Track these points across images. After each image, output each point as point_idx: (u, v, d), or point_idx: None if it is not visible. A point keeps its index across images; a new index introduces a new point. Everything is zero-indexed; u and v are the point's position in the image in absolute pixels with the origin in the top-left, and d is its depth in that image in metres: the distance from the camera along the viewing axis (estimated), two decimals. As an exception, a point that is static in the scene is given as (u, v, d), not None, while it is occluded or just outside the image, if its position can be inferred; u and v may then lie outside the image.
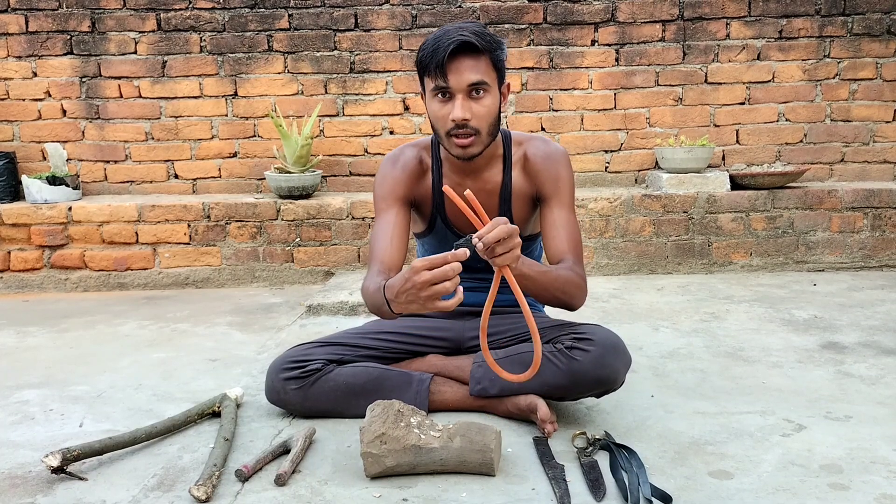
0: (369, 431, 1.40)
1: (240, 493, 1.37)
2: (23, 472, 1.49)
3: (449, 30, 1.56)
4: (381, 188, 1.75)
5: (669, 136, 3.74)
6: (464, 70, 1.54)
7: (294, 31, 3.70)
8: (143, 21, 3.68)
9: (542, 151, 1.73)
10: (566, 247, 1.66)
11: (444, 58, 1.52)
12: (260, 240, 3.45)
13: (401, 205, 1.73)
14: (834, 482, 1.37)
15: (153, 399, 1.93)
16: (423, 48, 1.57)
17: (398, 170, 1.75)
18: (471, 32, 1.54)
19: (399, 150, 1.80)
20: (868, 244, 3.45)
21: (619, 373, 1.62)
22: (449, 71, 1.53)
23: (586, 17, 3.69)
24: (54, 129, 3.76)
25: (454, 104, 1.56)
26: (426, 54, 1.56)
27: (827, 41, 3.70)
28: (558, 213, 1.69)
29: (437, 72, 1.54)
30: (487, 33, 1.58)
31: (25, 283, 3.45)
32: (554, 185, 1.71)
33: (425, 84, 1.61)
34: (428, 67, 1.56)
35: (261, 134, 3.77)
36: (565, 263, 1.63)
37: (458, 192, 1.71)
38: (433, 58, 1.54)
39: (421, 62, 1.58)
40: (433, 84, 1.57)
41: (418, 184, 1.77)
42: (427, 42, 1.57)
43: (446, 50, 1.52)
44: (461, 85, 1.54)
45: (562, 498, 1.31)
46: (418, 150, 1.78)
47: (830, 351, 2.22)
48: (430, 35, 1.60)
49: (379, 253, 1.67)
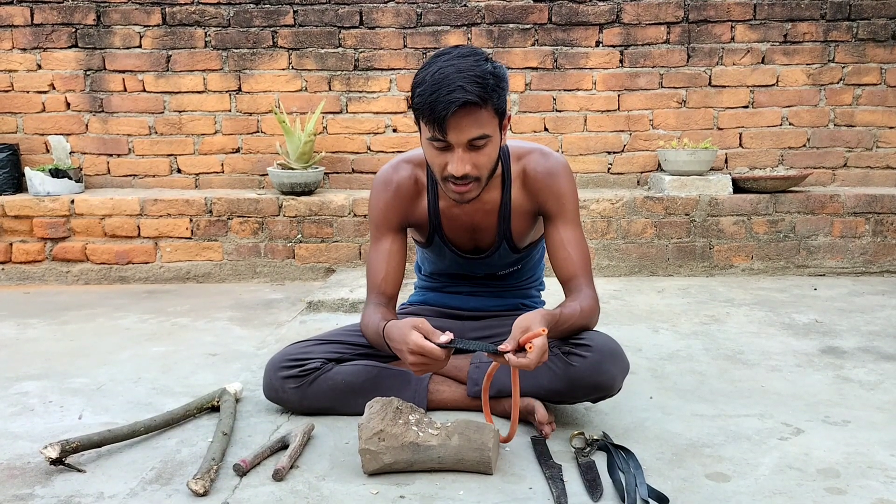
0: (367, 428, 1.40)
1: (237, 488, 1.38)
2: (21, 464, 1.50)
3: (448, 76, 1.41)
4: (374, 213, 1.71)
5: (672, 139, 3.73)
6: (464, 127, 1.43)
7: (299, 27, 3.70)
8: (148, 15, 3.68)
9: (542, 167, 1.66)
10: (577, 268, 1.63)
11: (445, 117, 1.41)
12: (261, 235, 3.46)
13: (395, 232, 1.70)
14: (831, 486, 1.37)
15: (152, 392, 1.94)
16: (420, 93, 1.45)
17: (390, 194, 1.69)
18: (472, 85, 1.41)
19: (392, 168, 1.72)
20: (869, 249, 3.45)
21: (617, 379, 1.61)
22: (448, 127, 1.42)
23: (591, 18, 3.68)
24: (58, 122, 3.76)
25: (453, 157, 1.47)
26: (423, 104, 1.43)
27: (832, 46, 3.70)
28: (564, 231, 1.65)
29: (435, 126, 1.43)
30: (489, 77, 1.44)
31: (27, 275, 3.45)
32: (557, 202, 1.65)
33: (420, 125, 1.50)
34: (424, 116, 1.45)
35: (264, 130, 3.78)
36: (577, 288, 1.62)
37: (454, 213, 1.70)
38: (431, 113, 1.42)
39: (416, 108, 1.47)
40: (430, 133, 1.46)
41: (413, 207, 1.71)
42: (423, 87, 1.44)
43: (447, 109, 1.40)
44: (461, 141, 1.45)
45: (559, 497, 1.31)
46: (413, 169, 1.71)
47: (830, 355, 2.22)
48: (427, 70, 1.46)
49: (375, 283, 1.69)
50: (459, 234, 1.74)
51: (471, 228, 1.73)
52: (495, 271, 1.83)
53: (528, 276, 1.89)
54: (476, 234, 1.74)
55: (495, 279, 1.86)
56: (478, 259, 1.78)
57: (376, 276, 1.69)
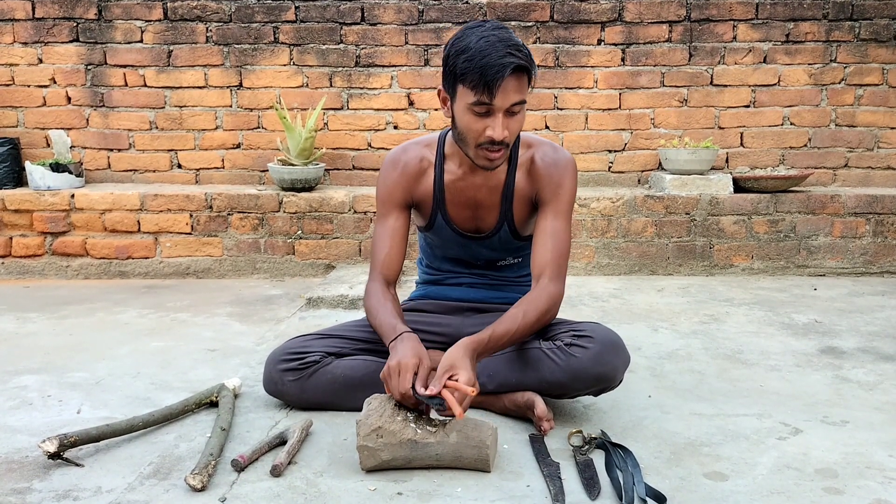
0: (366, 425, 1.40)
1: (235, 483, 1.38)
2: (20, 457, 1.50)
3: (495, 43, 1.48)
4: (381, 191, 1.77)
5: (673, 138, 3.73)
6: (510, 91, 1.50)
7: (300, 23, 3.69)
8: (149, 10, 3.68)
9: (550, 157, 1.71)
10: (548, 260, 1.65)
11: (499, 79, 1.47)
12: (261, 231, 3.46)
13: (399, 210, 1.76)
14: (829, 486, 1.37)
15: (151, 387, 1.94)
16: (468, 58, 1.49)
17: (398, 172, 1.76)
18: (519, 52, 1.50)
19: (402, 149, 1.79)
20: (870, 250, 3.44)
21: (618, 370, 1.62)
22: (497, 91, 1.48)
23: (593, 17, 3.68)
24: (59, 116, 3.76)
25: (494, 122, 1.52)
26: (472, 66, 1.48)
27: (833, 46, 3.70)
28: (552, 221, 1.68)
29: (484, 89, 1.48)
30: (525, 47, 1.53)
31: (27, 269, 3.45)
32: (554, 191, 1.69)
33: (459, 92, 1.54)
34: (471, 80, 1.49)
35: (265, 126, 3.78)
36: (539, 283, 1.64)
37: (459, 187, 1.73)
38: (482, 75, 1.47)
39: (463, 72, 1.50)
40: (474, 98, 1.51)
41: (418, 184, 1.76)
42: (471, 51, 1.49)
43: (502, 71, 1.47)
44: (505, 104, 1.51)
45: (556, 495, 1.31)
46: (421, 149, 1.77)
47: (829, 356, 2.22)
48: (467, 39, 1.51)
49: (379, 259, 1.73)
50: (461, 210, 1.76)
51: (473, 205, 1.75)
52: (496, 258, 1.84)
53: (527, 270, 1.89)
54: (478, 211, 1.76)
55: (496, 270, 1.86)
56: (478, 239, 1.79)
57: (380, 252, 1.73)
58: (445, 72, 1.57)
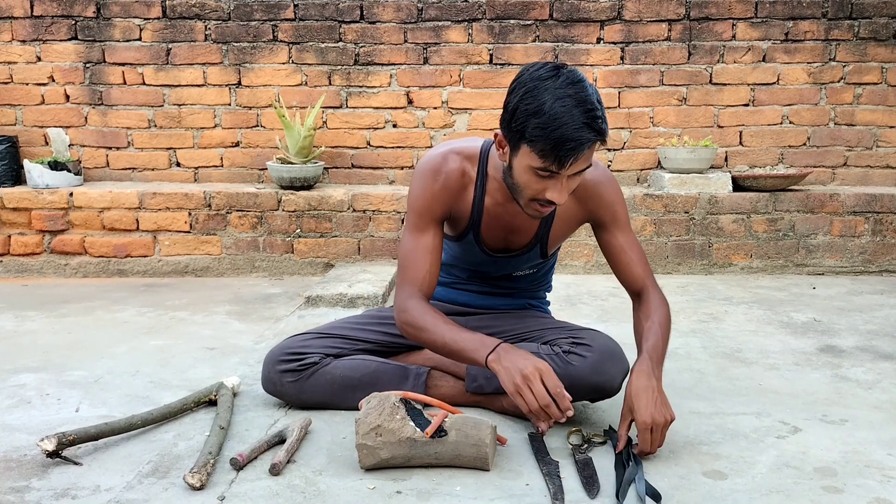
0: (365, 423, 1.40)
1: (234, 482, 1.38)
2: (18, 456, 1.50)
3: (571, 110, 1.35)
4: (419, 202, 1.63)
5: (673, 136, 3.73)
6: (581, 161, 1.40)
7: (299, 21, 3.69)
8: (148, 8, 3.67)
9: (590, 176, 1.60)
10: (641, 272, 1.66)
11: (573, 156, 1.36)
12: (260, 230, 3.45)
13: (436, 225, 1.64)
14: (828, 485, 1.37)
15: (150, 386, 1.93)
16: (540, 126, 1.36)
17: (439, 185, 1.62)
18: (595, 122, 1.36)
19: (441, 157, 1.64)
20: (868, 249, 3.45)
21: (615, 380, 1.61)
22: (568, 164, 1.38)
23: (592, 15, 3.68)
24: (57, 115, 3.75)
25: (556, 185, 1.42)
26: (544, 138, 1.36)
27: (833, 44, 3.70)
28: (623, 237, 1.67)
29: (554, 161, 1.37)
30: (600, 107, 1.39)
31: (25, 267, 3.45)
32: (610, 209, 1.65)
33: (522, 150, 1.41)
34: (541, 149, 1.37)
35: (264, 124, 3.77)
36: (645, 295, 1.65)
37: (498, 213, 1.66)
38: (555, 149, 1.36)
39: (532, 138, 1.37)
40: (541, 164, 1.39)
41: (459, 198, 1.65)
42: (544, 116, 1.35)
43: (575, 151, 1.36)
44: (571, 173, 1.42)
45: (555, 494, 1.31)
46: (461, 161, 1.64)
47: (828, 354, 2.22)
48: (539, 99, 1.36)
49: (416, 277, 1.61)
50: (495, 233, 1.70)
51: (509, 230, 1.69)
52: (514, 272, 1.80)
53: (541, 279, 1.88)
54: (512, 235, 1.70)
55: (509, 280, 1.83)
56: (504, 258, 1.74)
57: (418, 270, 1.61)
58: (510, 124, 1.42)
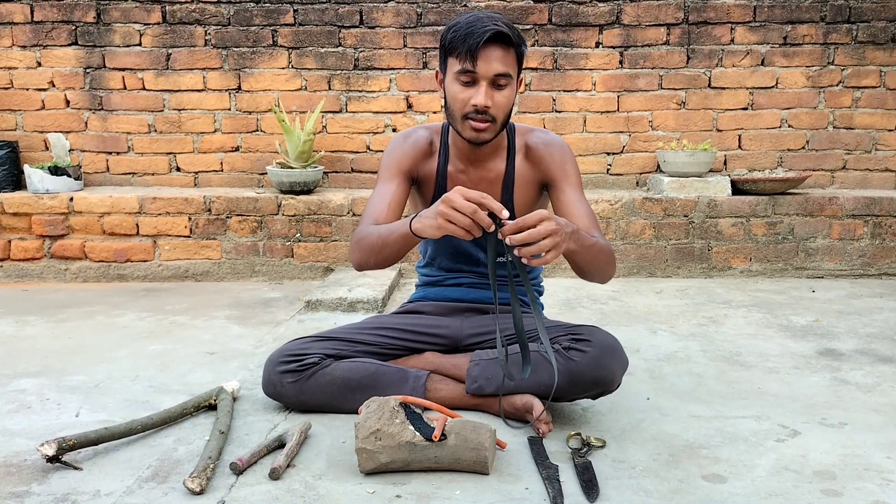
0: (364, 427, 1.40)
1: (234, 486, 1.38)
2: (18, 461, 1.50)
3: (481, 17, 1.58)
4: (388, 159, 1.78)
5: (672, 140, 3.73)
6: (493, 59, 1.57)
7: (299, 26, 3.70)
8: (148, 13, 3.68)
9: (542, 140, 1.77)
10: (588, 223, 1.68)
11: (479, 44, 1.54)
12: (260, 234, 3.46)
13: (403, 178, 1.76)
14: (827, 488, 1.38)
15: (150, 390, 1.94)
16: (455, 29, 1.59)
17: (408, 145, 1.78)
18: (504, 24, 1.57)
19: (412, 129, 1.84)
20: (868, 252, 3.45)
21: (616, 374, 1.62)
22: (479, 57, 1.56)
23: (591, 19, 3.69)
24: (57, 120, 3.76)
25: (478, 90, 1.58)
26: (458, 36, 1.58)
27: (831, 48, 3.70)
28: (571, 194, 1.73)
29: (468, 56, 1.56)
30: (516, 28, 1.61)
31: (25, 272, 3.45)
32: (561, 168, 1.74)
33: (448, 65, 1.63)
34: (457, 49, 1.58)
35: (263, 129, 3.78)
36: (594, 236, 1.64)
37: (461, 179, 1.74)
38: (465, 41, 1.56)
39: (450, 43, 1.59)
40: (459, 66, 1.58)
41: (424, 162, 1.79)
42: (459, 24, 1.59)
43: (482, 36, 1.54)
44: (488, 73, 1.57)
45: (555, 498, 1.31)
46: (430, 133, 1.81)
47: (827, 358, 2.22)
48: (459, 17, 1.62)
49: (374, 214, 1.69)
50: None
51: None
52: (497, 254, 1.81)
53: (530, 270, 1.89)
54: None
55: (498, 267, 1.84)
56: None
57: (376, 209, 1.69)
58: (439, 50, 1.66)
